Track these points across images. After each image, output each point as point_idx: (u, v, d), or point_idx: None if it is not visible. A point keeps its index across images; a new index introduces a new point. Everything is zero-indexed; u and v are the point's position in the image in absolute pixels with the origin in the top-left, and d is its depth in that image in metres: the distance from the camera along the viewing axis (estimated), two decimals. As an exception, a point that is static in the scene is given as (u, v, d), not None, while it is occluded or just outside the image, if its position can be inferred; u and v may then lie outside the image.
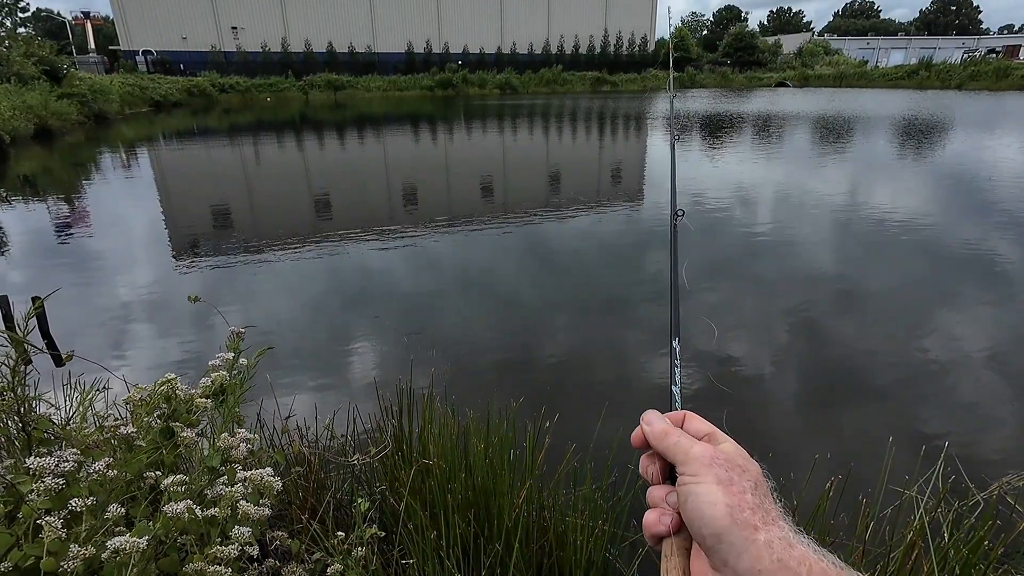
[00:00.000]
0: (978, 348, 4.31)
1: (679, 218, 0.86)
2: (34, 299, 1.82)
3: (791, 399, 3.75)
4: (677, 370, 0.67)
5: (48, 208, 9.33)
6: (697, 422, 0.56)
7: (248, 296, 5.56)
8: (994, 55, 55.10)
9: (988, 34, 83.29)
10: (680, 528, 0.50)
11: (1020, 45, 62.14)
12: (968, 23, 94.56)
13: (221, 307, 4.98)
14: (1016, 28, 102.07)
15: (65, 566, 0.90)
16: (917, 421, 3.47)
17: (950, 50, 64.02)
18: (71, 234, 7.82)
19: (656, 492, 0.54)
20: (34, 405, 1.40)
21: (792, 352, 4.33)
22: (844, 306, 5.17)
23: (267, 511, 1.19)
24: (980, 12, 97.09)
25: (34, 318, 1.46)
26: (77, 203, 9.74)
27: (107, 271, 6.32)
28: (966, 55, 53.84)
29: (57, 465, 1.05)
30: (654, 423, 0.55)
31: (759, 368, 4.06)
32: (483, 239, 7.41)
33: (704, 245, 6.92)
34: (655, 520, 0.51)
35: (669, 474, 0.54)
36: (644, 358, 4.26)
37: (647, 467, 0.55)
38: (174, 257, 6.77)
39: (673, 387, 0.65)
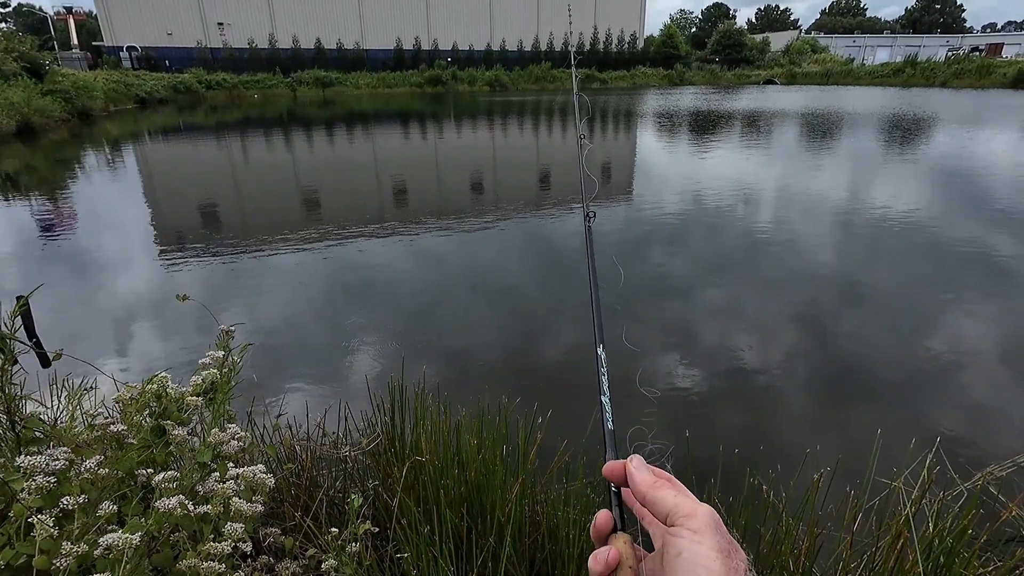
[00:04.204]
0: (965, 341, 4.38)
1: (591, 220, 0.84)
2: (18, 298, 1.80)
3: (787, 394, 3.79)
4: (604, 378, 0.62)
5: (31, 206, 9.19)
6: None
7: (236, 294, 5.52)
8: (977, 53, 55.75)
9: (972, 32, 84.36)
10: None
11: (1003, 43, 63.02)
12: (952, 22, 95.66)
13: (209, 305, 4.94)
14: (999, 27, 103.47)
15: (57, 564, 0.90)
16: (907, 414, 3.52)
17: (935, 48, 64.72)
18: (55, 233, 7.71)
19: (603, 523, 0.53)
20: (22, 404, 1.39)
21: (783, 345, 4.37)
22: (833, 302, 5.23)
23: (260, 507, 1.19)
24: (964, 11, 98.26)
25: (19, 317, 1.44)
26: (61, 201, 9.61)
27: (92, 270, 6.24)
28: (950, 53, 54.43)
29: (48, 464, 1.04)
30: (642, 470, 0.54)
31: (756, 361, 4.10)
32: (473, 235, 7.40)
33: (704, 239, 6.98)
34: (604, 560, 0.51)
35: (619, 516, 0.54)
36: (638, 353, 4.28)
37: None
38: (160, 255, 6.70)
39: (602, 397, 0.61)
